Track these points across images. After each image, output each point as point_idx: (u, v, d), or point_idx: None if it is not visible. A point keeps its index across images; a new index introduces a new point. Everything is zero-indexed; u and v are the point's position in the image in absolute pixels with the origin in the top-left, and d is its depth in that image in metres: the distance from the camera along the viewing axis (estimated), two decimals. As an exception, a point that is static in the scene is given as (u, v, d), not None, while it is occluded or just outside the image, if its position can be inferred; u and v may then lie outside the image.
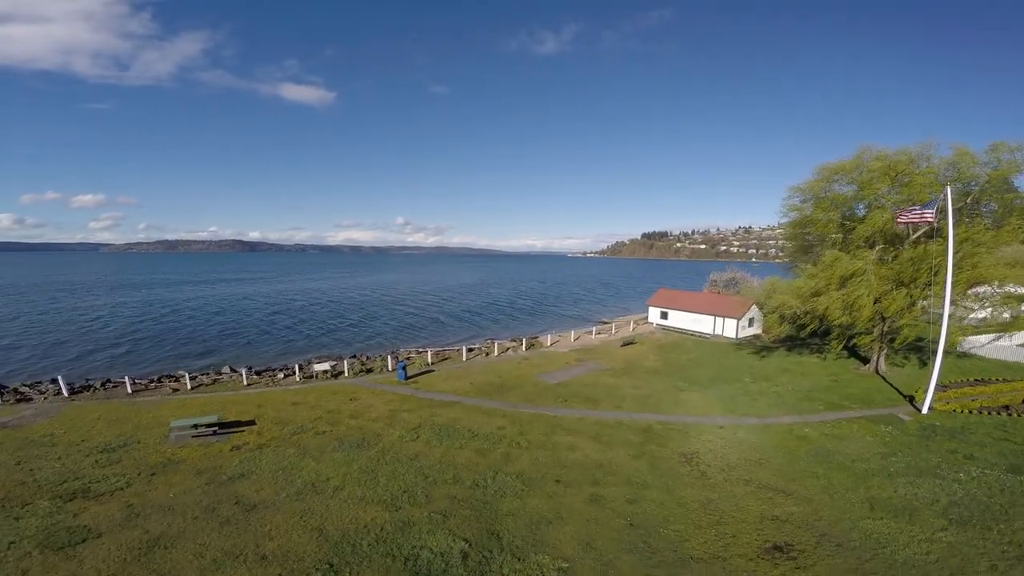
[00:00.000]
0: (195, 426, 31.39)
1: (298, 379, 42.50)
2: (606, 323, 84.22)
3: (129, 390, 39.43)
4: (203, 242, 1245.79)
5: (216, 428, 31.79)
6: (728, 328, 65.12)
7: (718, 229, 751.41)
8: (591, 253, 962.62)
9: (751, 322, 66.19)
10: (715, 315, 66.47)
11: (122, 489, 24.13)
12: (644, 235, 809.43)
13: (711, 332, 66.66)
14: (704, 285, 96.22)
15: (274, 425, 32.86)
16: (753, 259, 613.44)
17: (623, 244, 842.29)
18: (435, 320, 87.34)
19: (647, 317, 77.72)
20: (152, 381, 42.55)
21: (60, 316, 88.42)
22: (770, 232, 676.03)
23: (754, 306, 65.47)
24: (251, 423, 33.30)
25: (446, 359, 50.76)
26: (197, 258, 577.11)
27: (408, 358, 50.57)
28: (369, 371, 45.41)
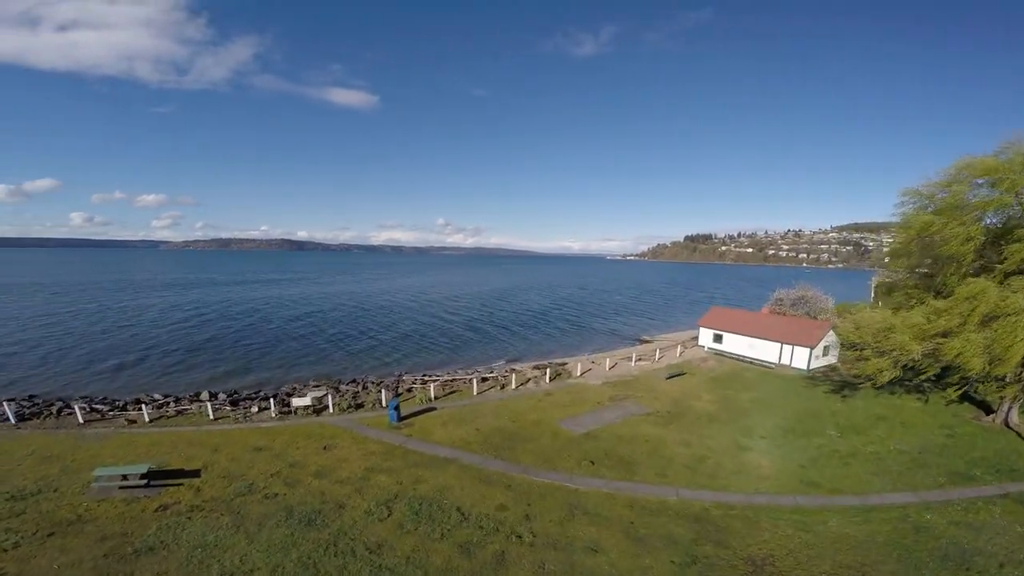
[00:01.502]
0: (124, 476, 25.72)
1: (274, 414, 36.40)
2: (648, 342, 75.81)
3: (80, 419, 34.49)
4: (254, 240, 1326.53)
5: (148, 480, 26.01)
6: (798, 358, 55.38)
7: (766, 232, 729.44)
8: (631, 256, 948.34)
9: (826, 350, 56.34)
10: (782, 342, 56.86)
11: (5, 551, 20.11)
12: (687, 237, 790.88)
13: (775, 361, 57.10)
14: (763, 304, 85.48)
15: (220, 480, 26.86)
16: (804, 264, 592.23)
17: (664, 247, 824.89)
18: (457, 334, 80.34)
19: (697, 338, 68.60)
20: (112, 409, 37.50)
21: (93, 319, 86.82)
22: (822, 236, 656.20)
23: (831, 331, 55.69)
24: (195, 473, 27.48)
25: (453, 392, 43.60)
26: (247, 257, 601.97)
27: (409, 390, 43.77)
28: (359, 406, 38.82)
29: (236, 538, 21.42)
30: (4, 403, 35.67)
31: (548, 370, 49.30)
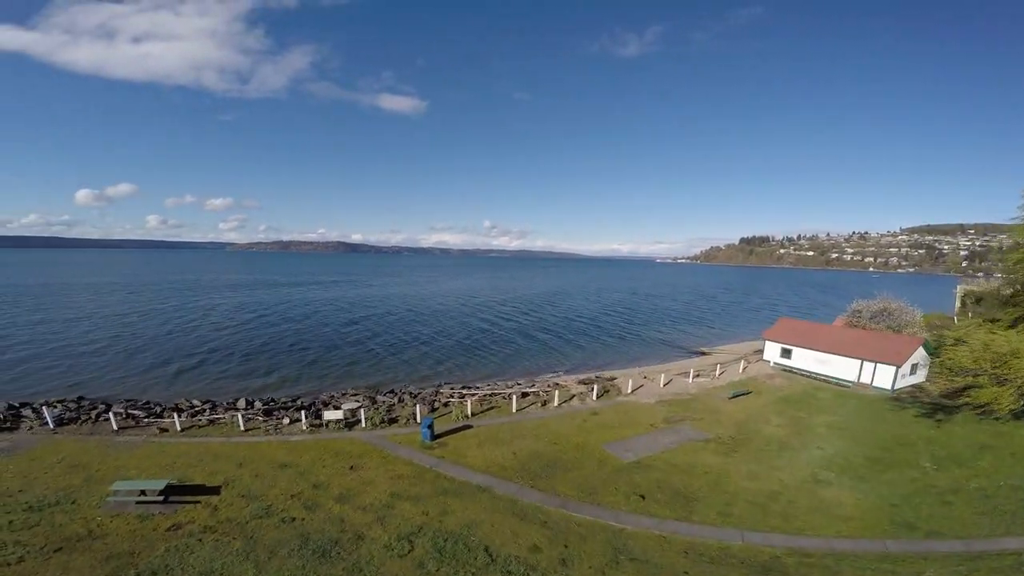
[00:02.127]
0: (142, 492, 24.72)
1: (305, 427, 35.10)
2: (705, 354, 71.06)
3: (115, 426, 34.37)
4: (312, 243, 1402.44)
5: (166, 496, 24.93)
6: (882, 376, 49.84)
7: (828, 234, 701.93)
8: (682, 259, 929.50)
9: (913, 369, 50.60)
10: (862, 358, 51.42)
11: (9, 565, 19.34)
12: (742, 240, 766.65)
13: (853, 380, 51.80)
14: (835, 314, 78.48)
15: (239, 499, 25.48)
16: (871, 268, 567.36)
17: (718, 249, 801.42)
18: (503, 341, 77.80)
19: (761, 352, 63.69)
20: (149, 415, 37.27)
21: (161, 319, 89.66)
22: (890, 238, 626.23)
23: (920, 348, 49.83)
24: (215, 491, 26.24)
25: (491, 408, 41.12)
26: (305, 258, 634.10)
27: (446, 404, 41.57)
28: (393, 421, 37.04)
29: (244, 567, 19.80)
30: (45, 408, 36.09)
31: (595, 386, 46.07)
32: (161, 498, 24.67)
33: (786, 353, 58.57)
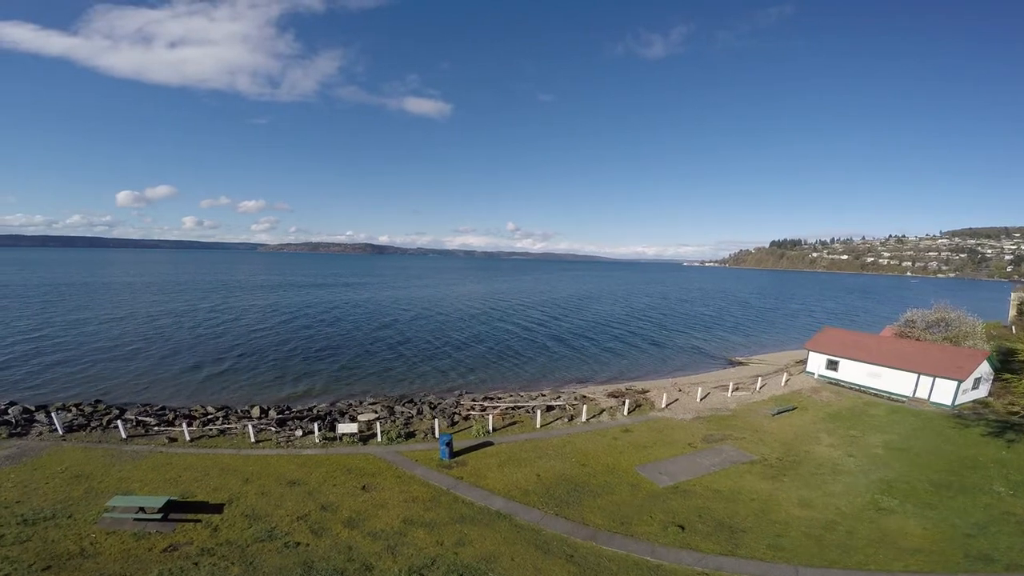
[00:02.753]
0: (141, 508, 23.25)
1: (317, 440, 33.42)
2: (741, 364, 67.70)
3: (123, 434, 33.29)
4: (340, 244, 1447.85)
5: (165, 514, 23.47)
6: (941, 391, 46.27)
7: (863, 238, 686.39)
8: (710, 262, 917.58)
9: (976, 383, 46.91)
10: (919, 372, 47.80)
11: None
12: (773, 243, 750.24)
13: (909, 394, 48.31)
14: (881, 322, 73.86)
15: (242, 519, 23.86)
16: (909, 273, 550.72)
17: (748, 253, 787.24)
18: (526, 348, 75.42)
19: (803, 362, 60.39)
20: (159, 423, 36.19)
21: (189, 321, 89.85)
22: (929, 242, 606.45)
23: (985, 361, 46.02)
24: (218, 508, 24.68)
25: (514, 423, 38.84)
26: (333, 259, 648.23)
27: (466, 417, 39.50)
28: (410, 436, 35.07)
29: (240, 599, 18.05)
30: (54, 412, 35.33)
31: (626, 400, 43.41)
32: (160, 515, 23.26)
33: (832, 365, 54.99)
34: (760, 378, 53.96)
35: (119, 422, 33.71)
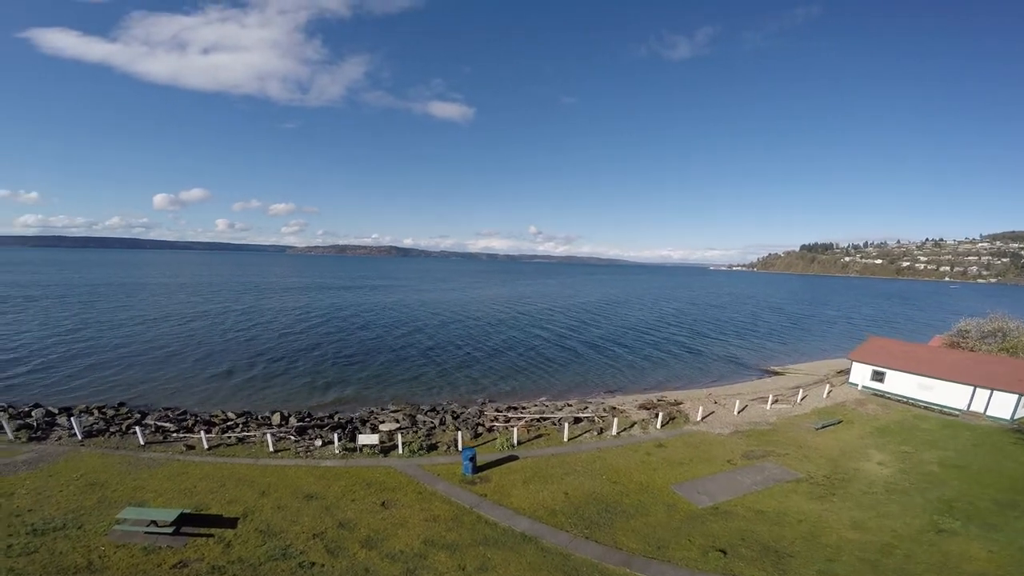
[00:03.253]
0: (152, 521, 22.45)
1: (337, 451, 32.37)
2: (778, 373, 65.13)
3: (141, 441, 32.80)
4: (366, 247, 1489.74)
5: (177, 528, 22.66)
6: (1000, 405, 43.66)
7: (898, 241, 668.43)
8: (737, 266, 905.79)
9: None
10: (975, 384, 45.18)
11: None
12: (803, 247, 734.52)
13: (962, 408, 45.68)
14: (925, 329, 70.18)
15: (255, 535, 22.90)
16: (947, 278, 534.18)
17: (777, 257, 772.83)
18: (552, 354, 73.54)
19: (845, 373, 58.27)
20: (178, 429, 35.67)
21: (222, 323, 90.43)
22: (969, 246, 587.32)
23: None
24: (232, 523, 23.82)
25: (540, 436, 37.19)
26: (360, 262, 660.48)
27: (490, 429, 38.04)
28: (433, 448, 33.77)
29: (250, 625, 16.94)
30: (74, 418, 34.96)
31: (659, 412, 41.40)
32: (172, 529, 22.45)
33: (878, 376, 52.21)
34: (801, 389, 51.48)
35: (138, 428, 33.23)
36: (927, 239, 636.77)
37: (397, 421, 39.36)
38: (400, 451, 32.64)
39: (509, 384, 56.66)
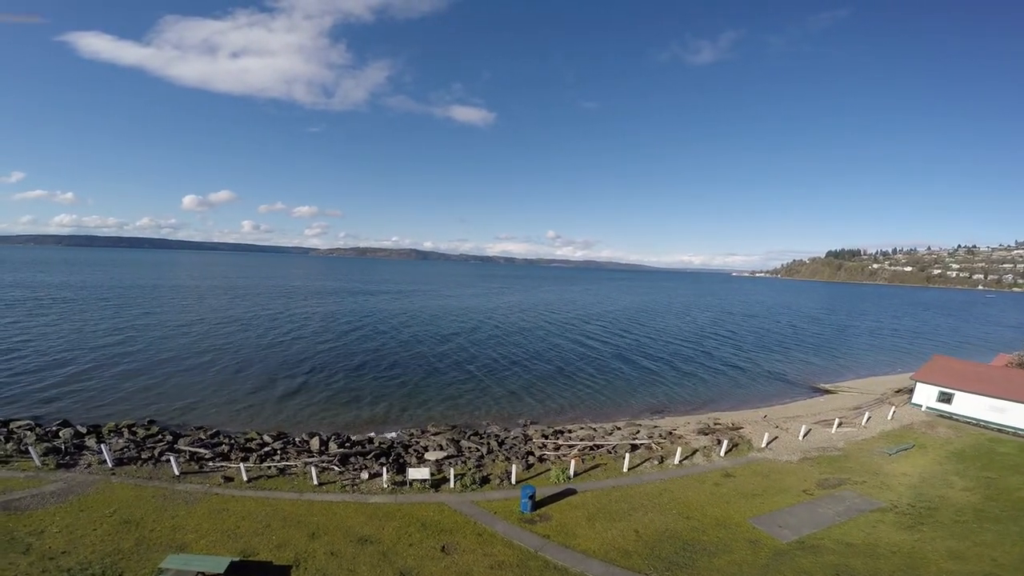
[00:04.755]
0: (200, 574, 21.02)
1: (385, 484, 30.65)
2: (830, 391, 62.78)
3: (176, 471, 31.25)
4: (387, 250, 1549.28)
5: (226, 581, 21.21)
6: None
7: (929, 248, 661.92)
8: (760, 272, 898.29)
9: None
10: None
11: None
12: (829, 253, 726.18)
13: None
14: (977, 348, 67.43)
15: (311, 588, 21.11)
16: (981, 287, 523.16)
17: (801, 263, 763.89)
18: (593, 369, 71.57)
19: (901, 391, 56.46)
20: (214, 456, 34.18)
21: (253, 330, 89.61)
22: (1004, 252, 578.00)
23: None
24: (284, 573, 22.12)
25: (596, 466, 35.25)
26: (383, 265, 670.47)
27: (541, 459, 36.07)
28: (485, 481, 32.01)
29: None
30: (104, 444, 33.91)
31: (722, 439, 39.30)
32: (221, 581, 20.93)
33: (945, 397, 49.87)
34: (866, 412, 49.15)
35: (172, 457, 31.77)
36: (959, 246, 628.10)
37: (441, 447, 37.68)
38: (452, 485, 30.88)
39: (550, 401, 55.00)
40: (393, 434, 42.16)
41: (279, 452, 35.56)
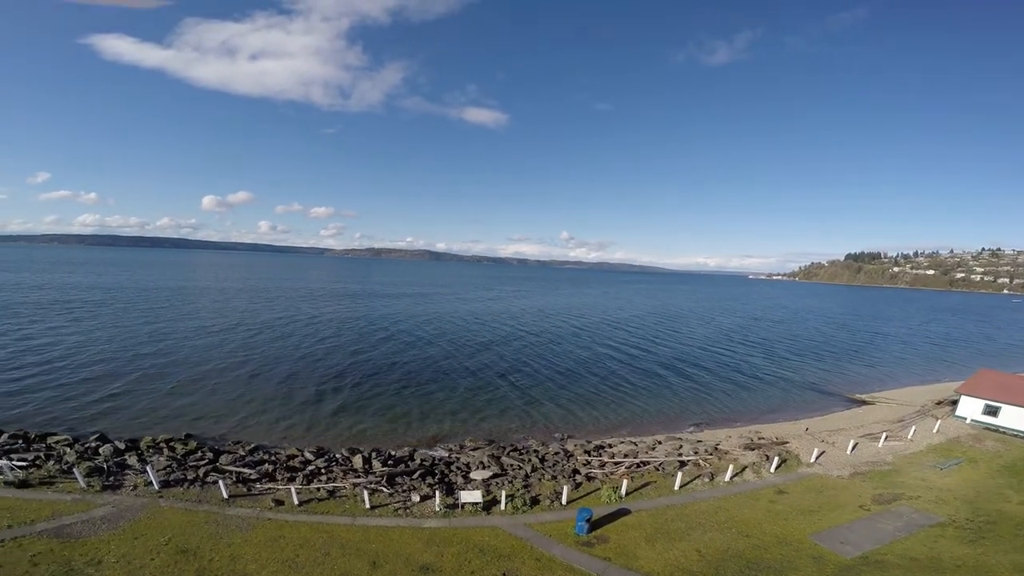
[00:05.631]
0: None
1: (437, 507, 30.66)
2: (868, 402, 62.55)
3: (224, 494, 31.38)
4: (401, 250, 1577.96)
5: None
6: None
7: (951, 251, 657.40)
8: (777, 275, 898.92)
9: None
10: None
11: None
12: (848, 256, 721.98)
13: None
14: (1017, 356, 66.82)
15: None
16: (1006, 291, 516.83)
17: (820, 266, 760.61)
18: (623, 377, 71.68)
19: (947, 405, 56.51)
20: (260, 477, 34.44)
21: (282, 336, 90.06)
22: None
23: None
24: (351, 605, 22.04)
25: (647, 484, 35.06)
26: (399, 266, 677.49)
27: (590, 478, 35.86)
28: (535, 502, 32.00)
29: None
30: (147, 464, 34.36)
31: (771, 455, 39.13)
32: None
33: (991, 410, 49.63)
34: (913, 426, 48.80)
35: (221, 482, 31.96)
36: (983, 248, 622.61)
37: (484, 465, 37.73)
38: (503, 507, 30.85)
39: (584, 413, 54.98)
40: (434, 452, 42.09)
41: (324, 471, 35.71)
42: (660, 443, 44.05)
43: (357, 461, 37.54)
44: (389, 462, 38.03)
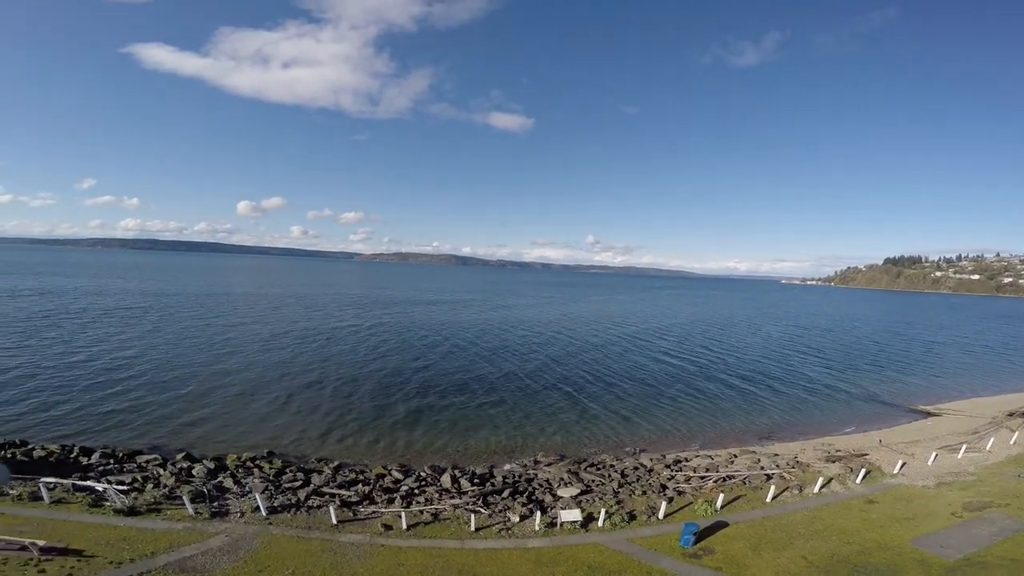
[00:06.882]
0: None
1: (538, 527, 32.38)
2: (934, 413, 63.10)
3: (334, 519, 33.18)
4: (427, 255, 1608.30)
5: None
6: None
7: (998, 254, 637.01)
8: (812, 280, 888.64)
9: None
10: None
11: None
12: (887, 260, 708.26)
13: None
14: None
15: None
16: None
17: (857, 270, 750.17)
18: (688, 388, 72.85)
19: (1013, 414, 57.99)
20: (363, 499, 36.38)
21: (333, 343, 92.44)
22: None
23: None
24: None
25: (738, 497, 36.31)
26: (428, 271, 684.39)
27: (680, 492, 37.14)
28: (632, 517, 33.70)
29: None
30: (249, 489, 36.17)
31: (858, 466, 40.53)
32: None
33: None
34: (989, 436, 49.85)
35: (330, 506, 33.94)
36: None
37: (565, 482, 39.23)
38: (601, 523, 32.42)
39: (649, 424, 56.58)
40: (510, 466, 44.02)
41: (418, 492, 37.47)
42: (736, 456, 45.33)
43: (446, 480, 39.09)
44: (475, 480, 39.77)
